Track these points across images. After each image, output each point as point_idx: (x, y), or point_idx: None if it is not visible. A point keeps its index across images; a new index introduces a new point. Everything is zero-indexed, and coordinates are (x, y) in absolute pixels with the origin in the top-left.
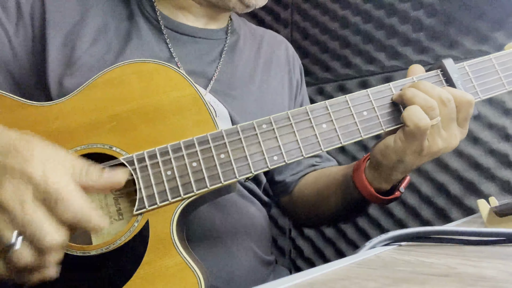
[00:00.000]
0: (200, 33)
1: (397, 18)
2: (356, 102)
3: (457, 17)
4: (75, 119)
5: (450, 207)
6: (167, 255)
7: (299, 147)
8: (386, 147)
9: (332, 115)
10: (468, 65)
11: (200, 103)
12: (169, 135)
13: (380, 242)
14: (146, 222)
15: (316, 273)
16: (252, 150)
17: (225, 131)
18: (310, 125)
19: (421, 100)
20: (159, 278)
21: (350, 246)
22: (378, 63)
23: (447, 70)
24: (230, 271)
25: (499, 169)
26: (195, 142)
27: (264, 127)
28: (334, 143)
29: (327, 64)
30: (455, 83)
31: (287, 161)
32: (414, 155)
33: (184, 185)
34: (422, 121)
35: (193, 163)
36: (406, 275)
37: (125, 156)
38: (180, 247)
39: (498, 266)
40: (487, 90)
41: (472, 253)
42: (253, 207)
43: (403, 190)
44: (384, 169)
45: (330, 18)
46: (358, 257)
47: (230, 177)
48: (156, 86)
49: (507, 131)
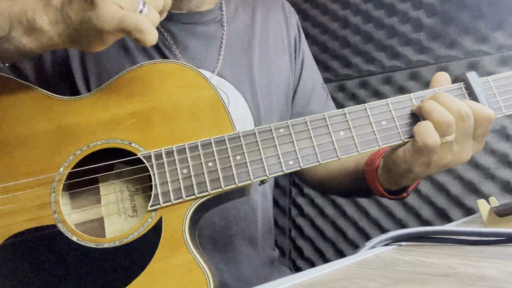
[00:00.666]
0: (194, 18)
1: (397, 18)
2: (376, 111)
3: (457, 17)
4: (97, 114)
5: (450, 207)
6: (178, 253)
7: (315, 153)
8: (396, 156)
9: (350, 123)
10: (492, 79)
11: (219, 104)
12: (187, 134)
13: (380, 242)
14: (159, 219)
15: (316, 273)
16: (268, 153)
17: (242, 133)
18: (327, 132)
19: (439, 114)
20: (168, 275)
21: (350, 246)
22: (378, 63)
23: (470, 83)
24: (237, 267)
25: (499, 169)
26: (212, 142)
27: (281, 131)
28: (351, 151)
29: (327, 64)
30: (478, 97)
31: (302, 166)
32: (422, 166)
33: (199, 184)
34: (431, 139)
35: (209, 162)
36: (406, 275)
37: (143, 152)
38: (191, 245)
39: (498, 266)
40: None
41: (472, 253)
42: (258, 201)
43: (410, 192)
44: (395, 175)
45: (330, 18)
46: (358, 257)
47: (244, 179)
48: (176, 86)
49: (507, 131)
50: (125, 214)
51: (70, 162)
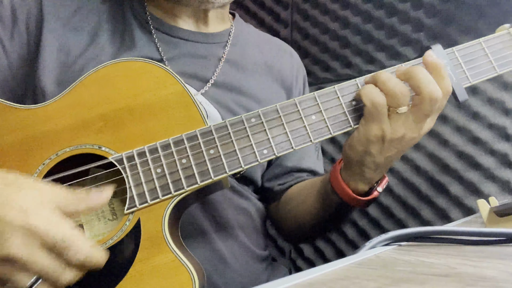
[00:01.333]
0: (193, 37)
1: (397, 18)
2: (345, 92)
3: (457, 17)
4: (63, 120)
5: (450, 207)
6: (160, 253)
7: (289, 139)
8: (351, 138)
9: (321, 106)
10: (457, 50)
11: (188, 99)
12: (158, 133)
13: (380, 242)
14: (137, 221)
15: (316, 273)
16: (242, 144)
17: (213, 126)
18: (299, 117)
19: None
20: (152, 276)
21: (350, 246)
22: (378, 63)
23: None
24: (223, 265)
25: (499, 169)
26: (184, 139)
27: (253, 121)
28: (323, 134)
29: (327, 64)
30: None
31: (277, 153)
32: (378, 144)
33: (174, 182)
34: (377, 97)
35: (182, 159)
36: (406, 275)
37: (114, 155)
38: (172, 244)
39: (498, 266)
40: (478, 75)
41: (472, 253)
42: (246, 201)
43: (380, 190)
44: (355, 165)
45: (330, 18)
46: (358, 257)
47: (220, 172)
48: (144, 84)
49: (507, 131)
50: (105, 218)
51: (39, 172)
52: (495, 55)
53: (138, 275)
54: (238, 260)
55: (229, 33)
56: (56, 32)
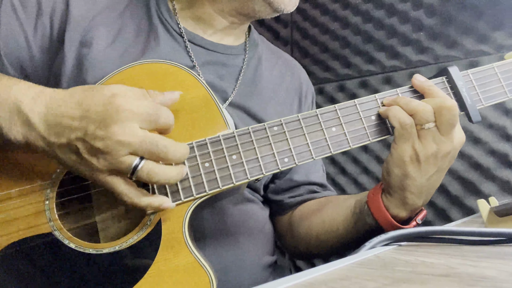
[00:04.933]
0: (216, 47)
1: (397, 18)
2: (365, 107)
3: (457, 17)
4: None
5: (450, 207)
6: (180, 254)
7: (309, 149)
8: (386, 163)
9: (342, 119)
10: (472, 73)
11: (211, 102)
12: (181, 135)
13: (380, 242)
14: (158, 221)
15: (316, 273)
16: (264, 151)
17: (237, 132)
18: (320, 128)
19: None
20: (171, 277)
21: None
22: (378, 63)
23: (453, 77)
24: (234, 270)
25: (499, 169)
26: (207, 143)
27: (275, 129)
28: (343, 147)
29: (327, 64)
30: (460, 90)
31: (298, 163)
32: (414, 164)
33: (196, 185)
34: (405, 118)
35: (205, 163)
36: (406, 275)
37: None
38: (192, 246)
39: (498, 266)
40: (490, 98)
41: (472, 253)
42: (255, 205)
43: (420, 222)
44: (396, 190)
45: (330, 18)
46: (358, 257)
47: (241, 178)
48: (168, 87)
49: (507, 131)
50: (119, 217)
51: (59, 171)
52: (507, 80)
53: (157, 275)
54: (247, 264)
55: (246, 45)
56: (80, 27)
